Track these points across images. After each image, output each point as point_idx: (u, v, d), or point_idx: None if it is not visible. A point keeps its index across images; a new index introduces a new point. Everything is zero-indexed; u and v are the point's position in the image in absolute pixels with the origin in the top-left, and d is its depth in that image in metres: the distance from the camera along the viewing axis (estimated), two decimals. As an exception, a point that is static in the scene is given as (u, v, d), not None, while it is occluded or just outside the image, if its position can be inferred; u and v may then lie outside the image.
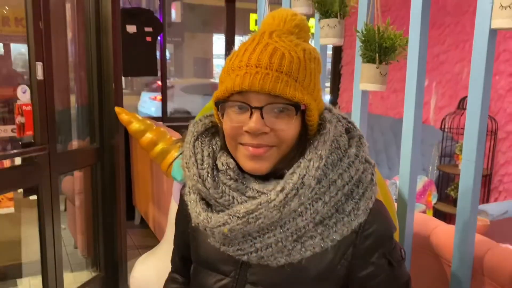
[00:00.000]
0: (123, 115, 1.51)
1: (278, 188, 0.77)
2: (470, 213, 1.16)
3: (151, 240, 3.48)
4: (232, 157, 0.84)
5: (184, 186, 0.95)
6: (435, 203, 3.51)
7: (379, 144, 4.27)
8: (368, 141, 0.88)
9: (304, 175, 0.77)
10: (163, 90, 4.15)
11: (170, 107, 5.56)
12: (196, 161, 0.85)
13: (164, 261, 1.38)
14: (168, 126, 3.45)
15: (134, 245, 3.58)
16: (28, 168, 2.15)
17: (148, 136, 1.46)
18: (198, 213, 0.83)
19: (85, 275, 2.90)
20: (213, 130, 0.90)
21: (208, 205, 0.85)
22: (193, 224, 0.86)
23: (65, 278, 2.85)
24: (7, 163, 2.17)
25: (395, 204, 1.36)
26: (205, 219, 0.81)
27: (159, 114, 4.27)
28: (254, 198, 0.79)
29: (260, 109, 0.77)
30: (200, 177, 0.83)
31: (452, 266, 1.22)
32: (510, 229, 2.63)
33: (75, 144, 2.81)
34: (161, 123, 3.96)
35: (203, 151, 0.86)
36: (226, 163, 0.83)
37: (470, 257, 1.19)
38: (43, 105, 2.12)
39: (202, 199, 0.85)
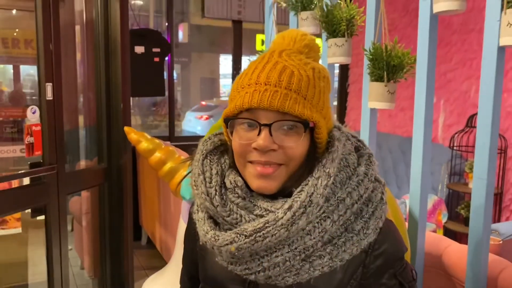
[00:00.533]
0: (132, 135, 1.51)
1: (286, 206, 0.77)
2: (483, 231, 1.14)
3: (158, 261, 3.45)
4: (240, 175, 0.84)
5: (193, 204, 0.95)
6: (445, 222, 3.46)
7: (388, 163, 4.24)
8: (376, 160, 0.87)
9: (312, 193, 0.76)
10: (171, 110, 4.18)
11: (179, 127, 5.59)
12: (204, 179, 0.85)
13: (172, 281, 1.37)
14: (176, 146, 3.46)
15: (141, 266, 3.55)
16: (36, 188, 2.16)
17: (157, 155, 1.46)
18: (205, 232, 0.83)
19: (92, 296, 2.88)
20: (222, 149, 0.90)
21: (216, 223, 0.84)
22: (200, 243, 0.86)
23: (72, 299, 2.83)
24: (15, 183, 2.18)
25: (406, 224, 1.34)
26: (212, 237, 0.81)
27: (204, 133, 4.28)
28: (261, 216, 0.79)
29: (269, 126, 0.77)
30: (208, 195, 0.83)
31: (465, 287, 1.19)
32: (523, 249, 2.57)
33: (83, 164, 2.82)
34: (168, 142, 3.97)
35: (211, 169, 0.86)
36: (234, 181, 0.83)
37: (483, 277, 1.17)
38: (52, 125, 2.14)
39: (210, 217, 0.85)
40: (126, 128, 1.53)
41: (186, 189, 1.36)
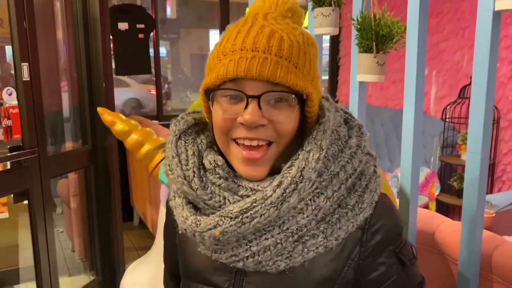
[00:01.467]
0: (106, 116, 1.44)
1: (275, 183, 0.70)
2: (477, 208, 1.10)
3: (150, 241, 3.40)
4: (220, 154, 0.77)
5: (168, 202, 0.86)
6: (438, 195, 3.44)
7: (380, 136, 4.20)
8: (367, 133, 0.82)
9: (304, 167, 0.70)
10: (158, 88, 4.08)
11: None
12: (180, 161, 0.77)
13: (154, 269, 1.32)
14: (164, 125, 3.38)
15: (133, 247, 3.52)
16: (18, 172, 2.09)
17: (134, 137, 1.39)
18: (185, 218, 0.75)
19: (83, 280, 2.85)
20: (197, 128, 0.82)
21: (196, 208, 0.77)
22: (179, 231, 0.78)
23: (63, 283, 2.81)
24: (-5, 168, 2.11)
25: (397, 200, 1.30)
26: (193, 223, 0.73)
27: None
28: (247, 197, 0.72)
29: (258, 98, 0.68)
30: (185, 178, 0.75)
31: (458, 264, 1.15)
32: (515, 220, 2.56)
33: (69, 146, 2.75)
34: (156, 121, 3.89)
35: (187, 150, 0.78)
36: (214, 160, 0.75)
37: (477, 255, 1.13)
38: (31, 107, 2.05)
39: (189, 202, 0.77)
40: (99, 109, 1.45)
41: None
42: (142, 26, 3.74)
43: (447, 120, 3.51)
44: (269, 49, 0.68)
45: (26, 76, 2.01)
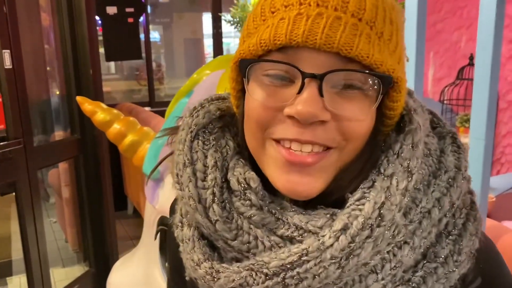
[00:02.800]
0: (86, 105, 1.37)
1: (338, 225, 0.46)
2: (480, 197, 1.04)
3: (144, 230, 3.38)
4: (253, 167, 0.52)
5: (173, 204, 0.64)
6: (436, 178, 3.41)
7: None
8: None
9: (383, 202, 0.46)
10: (149, 73, 4.00)
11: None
12: (194, 174, 0.52)
13: (141, 267, 1.27)
14: (157, 112, 3.31)
15: (128, 236, 3.48)
16: (3, 164, 2.02)
17: (116, 127, 1.31)
18: (196, 263, 0.52)
19: (77, 271, 2.81)
20: (223, 123, 0.57)
21: (213, 247, 0.53)
22: (187, 278, 0.56)
23: (56, 274, 2.77)
24: (-21, 161, 2.04)
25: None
26: (208, 273, 0.50)
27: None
28: (292, 240, 0.48)
29: (320, 78, 0.45)
30: (200, 201, 0.51)
31: (461, 256, 1.11)
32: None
33: (56, 136, 2.68)
34: (148, 108, 3.81)
35: (206, 157, 0.53)
36: (245, 179, 0.51)
37: (481, 246, 1.08)
38: (14, 96, 1.98)
39: (204, 237, 0.54)
40: (78, 98, 1.38)
41: (150, 165, 1.23)
42: (132, 10, 3.64)
43: (445, 102, 3.45)
44: (344, 5, 0.45)
45: (8, 63, 1.93)
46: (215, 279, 0.50)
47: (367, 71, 0.45)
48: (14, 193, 2.16)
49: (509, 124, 3.32)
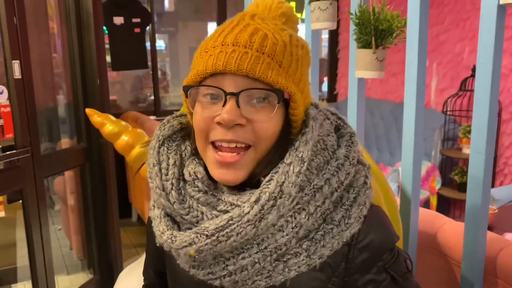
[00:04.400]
0: (95, 117, 1.39)
1: (253, 198, 0.65)
2: (481, 209, 1.06)
3: (148, 238, 3.39)
4: (203, 165, 0.73)
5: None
6: (439, 189, 3.41)
7: (380, 129, 4.15)
8: (368, 127, 0.75)
9: (283, 182, 0.65)
10: (155, 82, 4.03)
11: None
12: (160, 170, 0.73)
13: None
14: (161, 120, 3.34)
15: (132, 244, 3.49)
16: (11, 172, 2.05)
17: (124, 139, 1.34)
18: (161, 232, 0.72)
19: (81, 278, 2.82)
20: (183, 133, 0.78)
21: (174, 221, 0.73)
22: (157, 244, 0.75)
23: (61, 282, 2.78)
24: (-12, 169, 2.07)
25: (398, 198, 1.26)
26: (169, 238, 0.70)
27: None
28: (226, 212, 0.68)
29: (236, 95, 0.65)
30: (163, 189, 0.72)
31: (462, 267, 1.12)
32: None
33: (65, 143, 2.71)
34: (153, 117, 3.85)
35: (168, 158, 0.74)
36: (194, 172, 0.71)
37: (482, 257, 1.09)
38: (23, 105, 2.01)
39: (167, 215, 0.74)
40: (87, 110, 1.40)
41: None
42: (138, 20, 3.68)
43: (448, 113, 3.46)
44: (251, 44, 0.65)
45: (17, 74, 1.97)
46: (173, 242, 0.69)
47: (267, 88, 0.65)
48: (20, 201, 2.19)
49: (512, 135, 3.33)
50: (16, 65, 1.96)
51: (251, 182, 0.69)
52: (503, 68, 3.28)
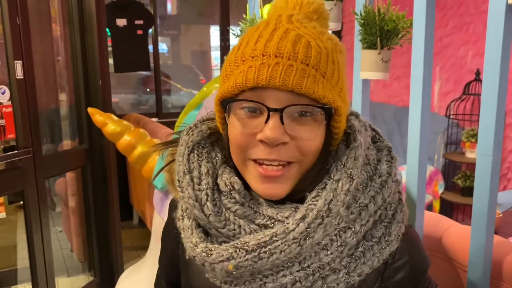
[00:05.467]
0: (97, 116, 1.38)
1: (298, 215, 0.62)
2: (488, 212, 1.04)
3: (149, 241, 3.38)
4: (236, 173, 0.69)
5: (172, 205, 0.80)
6: (442, 193, 3.39)
7: (382, 133, 4.14)
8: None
9: (331, 200, 0.62)
10: (157, 85, 4.02)
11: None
12: (192, 179, 0.68)
13: (148, 277, 1.27)
14: (163, 123, 3.33)
15: (133, 246, 3.48)
16: (12, 173, 2.04)
17: (126, 138, 1.33)
18: (194, 244, 0.67)
19: (82, 280, 2.81)
20: (212, 139, 0.73)
21: (206, 233, 0.69)
22: (187, 257, 0.71)
23: (61, 283, 2.77)
24: (-11, 169, 2.06)
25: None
26: (203, 251, 0.65)
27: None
28: (265, 226, 0.65)
29: (280, 111, 0.60)
30: (197, 200, 0.67)
31: (468, 271, 1.10)
32: (522, 219, 2.50)
33: (64, 145, 2.70)
34: (155, 119, 3.84)
35: (200, 166, 0.69)
36: (230, 182, 0.67)
37: (488, 261, 1.07)
38: (25, 106, 2.00)
39: (199, 225, 0.69)
40: (90, 110, 1.39)
41: (158, 176, 1.24)
42: (141, 22, 3.68)
43: (451, 116, 3.45)
44: (295, 55, 0.61)
45: (19, 74, 1.96)
46: (209, 255, 0.65)
47: (313, 104, 0.62)
48: (21, 202, 2.18)
49: (516, 139, 3.31)
50: (18, 65, 1.95)
51: (292, 197, 0.66)
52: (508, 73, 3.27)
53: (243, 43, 0.65)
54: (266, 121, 0.61)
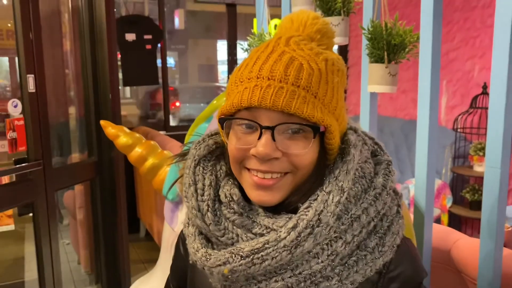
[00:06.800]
0: (109, 129, 1.40)
1: (290, 224, 0.65)
2: (497, 225, 1.04)
3: (156, 254, 3.34)
4: (238, 186, 0.73)
5: (176, 205, 0.84)
6: (450, 207, 3.37)
7: (389, 147, 4.14)
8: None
9: (322, 210, 0.65)
10: (165, 98, 4.06)
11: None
12: (196, 191, 0.73)
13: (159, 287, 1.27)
14: (171, 136, 3.35)
15: (139, 259, 3.48)
16: (22, 185, 2.06)
17: (137, 150, 1.35)
18: (196, 250, 0.72)
19: (89, 292, 2.81)
20: (218, 153, 0.78)
21: (208, 240, 0.74)
22: (190, 261, 0.75)
23: (69, 296, 2.77)
24: (0, 181, 2.08)
25: (411, 214, 1.24)
26: (203, 256, 0.70)
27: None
28: (261, 235, 0.68)
29: (272, 129, 0.65)
30: (199, 210, 0.72)
31: (478, 284, 1.10)
32: (531, 233, 2.48)
33: (74, 158, 2.73)
34: (163, 132, 3.86)
35: (204, 178, 0.74)
36: (230, 194, 0.71)
37: (498, 274, 1.07)
38: (36, 118, 2.03)
39: (202, 233, 0.74)
40: (102, 122, 1.41)
41: (168, 188, 1.26)
42: (150, 37, 3.73)
43: (459, 130, 3.45)
44: (286, 78, 0.65)
45: (31, 88, 2.00)
46: (208, 260, 0.69)
47: (302, 123, 0.65)
48: (30, 214, 2.20)
49: (524, 153, 3.30)
50: (30, 79, 1.99)
51: (288, 208, 0.70)
52: None
53: (243, 64, 0.70)
54: (259, 138, 0.66)
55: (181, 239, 0.87)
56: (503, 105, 0.99)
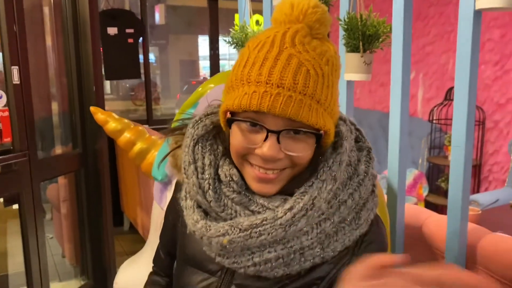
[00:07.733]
0: (99, 115, 1.45)
1: (287, 206, 0.73)
2: (462, 200, 1.13)
3: (141, 246, 3.38)
4: (235, 166, 0.79)
5: (177, 188, 0.90)
6: (426, 196, 3.49)
7: (368, 139, 4.24)
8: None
9: (315, 196, 0.73)
10: (147, 92, 4.09)
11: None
12: (196, 169, 0.79)
13: (148, 266, 1.33)
14: (154, 129, 3.38)
15: (124, 252, 3.51)
16: (8, 176, 2.08)
17: (126, 135, 1.40)
18: (195, 221, 0.78)
19: (74, 284, 2.83)
20: (214, 132, 0.83)
21: (206, 213, 0.80)
22: (188, 232, 0.82)
23: (54, 288, 2.79)
24: (-15, 172, 2.10)
25: (385, 197, 1.32)
26: (203, 227, 0.77)
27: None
28: (258, 213, 0.75)
29: (277, 133, 0.70)
30: (200, 188, 0.78)
31: (445, 257, 1.18)
32: (501, 218, 2.61)
33: (58, 150, 2.74)
34: (146, 125, 3.89)
35: (204, 158, 0.79)
36: (230, 174, 0.77)
37: (463, 247, 1.16)
38: (21, 110, 2.05)
39: (200, 206, 0.80)
40: (92, 108, 1.45)
41: (157, 169, 1.31)
42: (132, 31, 3.75)
43: (434, 121, 3.56)
44: (294, 86, 0.69)
45: (16, 79, 2.02)
46: (207, 230, 0.76)
47: (306, 129, 0.71)
48: (14, 206, 2.21)
49: (496, 143, 3.44)
50: (15, 70, 2.01)
51: (282, 193, 0.77)
52: (487, 79, 3.40)
53: (249, 60, 0.72)
54: (265, 140, 0.71)
55: (173, 208, 0.94)
56: (467, 91, 1.07)
